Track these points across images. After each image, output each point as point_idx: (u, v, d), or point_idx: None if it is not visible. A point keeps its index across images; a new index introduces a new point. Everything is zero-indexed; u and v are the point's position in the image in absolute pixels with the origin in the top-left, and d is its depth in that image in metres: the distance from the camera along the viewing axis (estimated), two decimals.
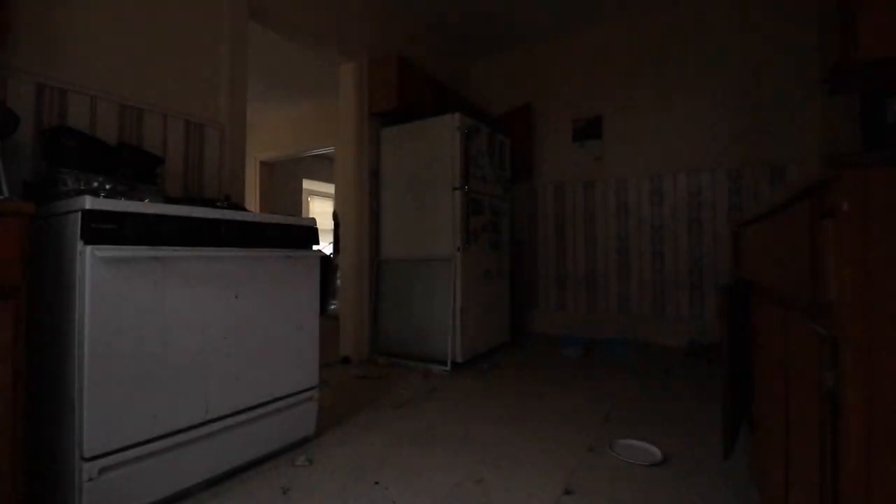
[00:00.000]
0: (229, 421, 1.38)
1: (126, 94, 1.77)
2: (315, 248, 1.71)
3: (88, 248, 1.09)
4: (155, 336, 1.21)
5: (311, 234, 1.66)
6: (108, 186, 1.40)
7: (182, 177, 1.96)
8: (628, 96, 3.60)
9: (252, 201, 6.07)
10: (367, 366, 2.79)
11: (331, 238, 4.83)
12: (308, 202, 8.09)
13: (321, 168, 7.96)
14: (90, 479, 1.09)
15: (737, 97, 3.22)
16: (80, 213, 1.10)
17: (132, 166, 1.48)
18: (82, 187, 1.35)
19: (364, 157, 2.98)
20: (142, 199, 1.41)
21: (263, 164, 6.13)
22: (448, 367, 2.61)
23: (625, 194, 3.62)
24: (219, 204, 1.67)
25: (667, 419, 1.88)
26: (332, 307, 4.92)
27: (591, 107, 3.75)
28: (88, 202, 1.10)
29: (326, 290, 4.89)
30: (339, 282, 3.39)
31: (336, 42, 2.81)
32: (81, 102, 1.64)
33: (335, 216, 4.66)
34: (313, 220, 1.69)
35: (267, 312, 1.50)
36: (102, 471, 1.11)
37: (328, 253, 5.30)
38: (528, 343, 3.50)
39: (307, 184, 7.84)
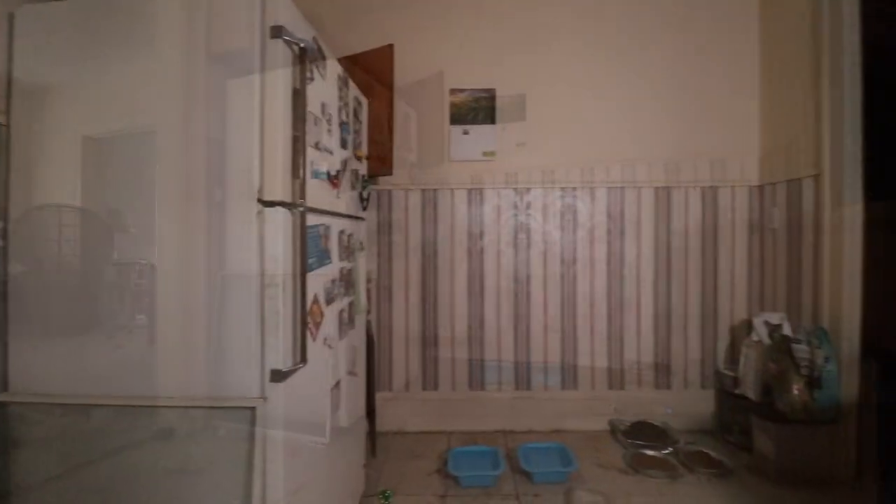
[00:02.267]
0: None
1: None
2: None
3: None
4: None
5: None
6: None
7: None
8: (536, 65, 2.42)
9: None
10: None
11: None
12: None
13: None
14: None
15: (673, 82, 2.41)
16: None
17: None
18: None
19: None
20: None
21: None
22: None
23: (525, 212, 2.45)
24: None
25: None
26: None
27: (484, 74, 2.43)
28: None
29: None
30: None
31: None
32: None
33: None
34: None
35: None
36: None
37: None
38: (389, 464, 1.99)
39: None
